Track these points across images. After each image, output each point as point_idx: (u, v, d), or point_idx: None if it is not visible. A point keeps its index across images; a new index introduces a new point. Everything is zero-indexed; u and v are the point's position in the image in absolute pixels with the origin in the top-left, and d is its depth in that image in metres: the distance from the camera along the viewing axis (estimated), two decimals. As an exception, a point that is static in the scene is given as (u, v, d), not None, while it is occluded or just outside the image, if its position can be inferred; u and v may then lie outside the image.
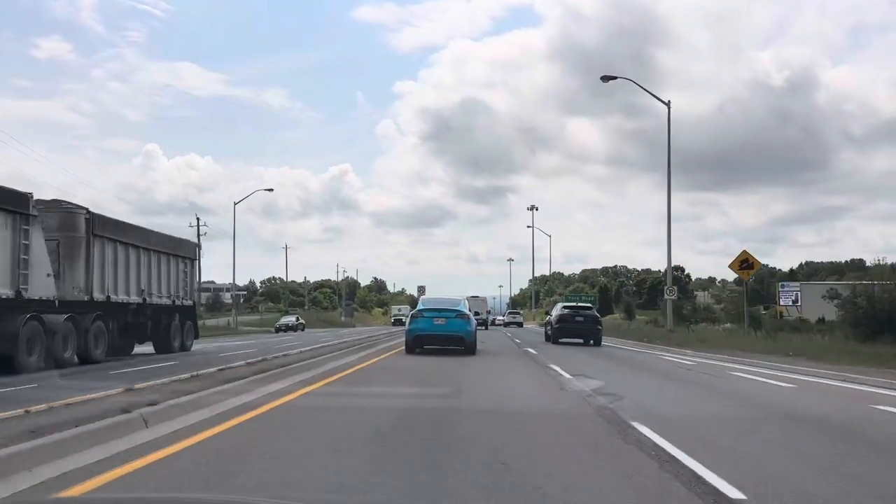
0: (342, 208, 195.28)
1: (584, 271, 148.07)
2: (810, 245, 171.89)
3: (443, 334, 18.55)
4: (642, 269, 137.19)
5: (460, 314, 18.65)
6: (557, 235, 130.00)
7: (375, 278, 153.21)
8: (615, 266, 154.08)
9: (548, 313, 38.54)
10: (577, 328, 26.51)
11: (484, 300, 57.96)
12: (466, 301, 20.64)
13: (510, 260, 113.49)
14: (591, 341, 26.06)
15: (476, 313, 25.36)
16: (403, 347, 19.25)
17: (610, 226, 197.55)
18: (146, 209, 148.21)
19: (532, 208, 69.38)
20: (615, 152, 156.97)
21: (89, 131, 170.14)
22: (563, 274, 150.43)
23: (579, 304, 30.42)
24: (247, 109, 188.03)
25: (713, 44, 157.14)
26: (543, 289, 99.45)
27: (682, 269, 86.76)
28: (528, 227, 69.59)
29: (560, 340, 26.07)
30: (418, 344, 18.64)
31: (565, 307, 28.59)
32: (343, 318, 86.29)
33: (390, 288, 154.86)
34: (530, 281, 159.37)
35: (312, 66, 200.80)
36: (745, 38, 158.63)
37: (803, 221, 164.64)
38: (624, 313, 74.20)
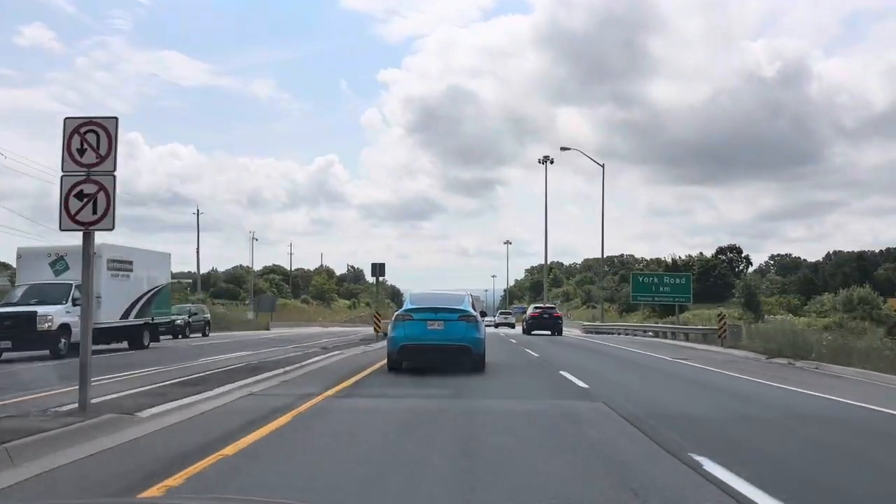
0: (329, 200, 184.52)
1: (586, 260, 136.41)
2: (800, 240, 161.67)
3: (440, 344, 13.46)
4: (651, 259, 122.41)
5: (464, 315, 13.62)
6: (548, 227, 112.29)
7: (351, 266, 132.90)
8: (621, 255, 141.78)
9: (524, 312, 45.57)
10: (545, 323, 35.75)
11: (478, 298, 41.17)
12: (470, 297, 15.14)
13: (507, 243, 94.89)
14: (555, 332, 35.28)
15: (483, 313, 17.12)
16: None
17: (599, 219, 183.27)
18: (127, 199, 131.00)
19: (545, 159, 49.65)
20: (605, 144, 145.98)
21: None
22: (563, 264, 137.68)
23: (546, 305, 40.42)
24: (234, 100, 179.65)
25: (705, 33, 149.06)
26: (549, 278, 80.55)
27: (739, 251, 67.16)
28: (554, 158, 50.63)
29: (532, 332, 34.72)
30: (405, 357, 13.70)
31: (536, 308, 38.77)
32: (251, 317, 56.46)
33: (368, 278, 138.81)
34: (527, 271, 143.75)
35: (301, 57, 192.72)
36: (737, 28, 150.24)
37: (793, 216, 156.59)
38: (745, 308, 49.01)
